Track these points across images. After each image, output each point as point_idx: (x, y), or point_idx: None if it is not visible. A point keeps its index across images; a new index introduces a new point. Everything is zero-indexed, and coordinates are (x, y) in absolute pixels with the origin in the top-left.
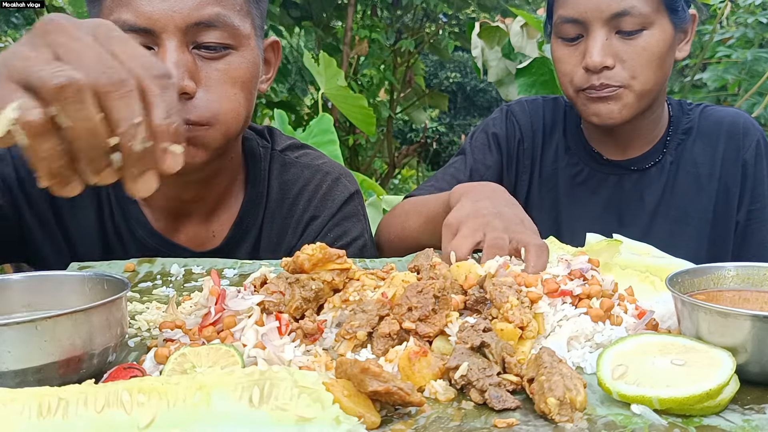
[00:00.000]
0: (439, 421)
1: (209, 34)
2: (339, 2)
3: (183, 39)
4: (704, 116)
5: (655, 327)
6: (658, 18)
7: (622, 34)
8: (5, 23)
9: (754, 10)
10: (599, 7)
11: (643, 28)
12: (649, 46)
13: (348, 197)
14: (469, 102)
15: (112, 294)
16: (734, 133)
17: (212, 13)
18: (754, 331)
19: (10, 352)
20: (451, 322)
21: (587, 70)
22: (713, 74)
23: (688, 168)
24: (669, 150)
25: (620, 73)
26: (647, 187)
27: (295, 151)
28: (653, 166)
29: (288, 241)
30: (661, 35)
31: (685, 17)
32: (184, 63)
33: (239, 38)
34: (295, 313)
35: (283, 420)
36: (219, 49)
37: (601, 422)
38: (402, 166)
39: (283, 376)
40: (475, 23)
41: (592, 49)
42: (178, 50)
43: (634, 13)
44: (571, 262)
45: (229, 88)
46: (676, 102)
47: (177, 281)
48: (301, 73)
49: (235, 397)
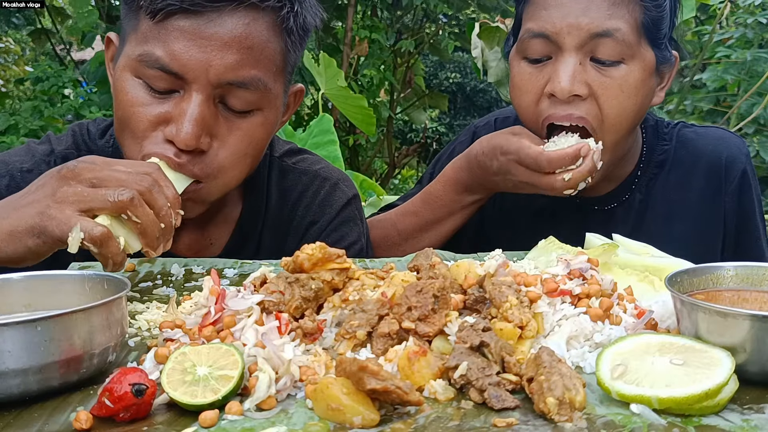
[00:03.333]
0: (438, 421)
1: (239, 95)
2: (339, 3)
3: (211, 93)
4: (681, 143)
5: (654, 327)
6: (639, 51)
7: (597, 63)
8: (5, 23)
9: (753, 11)
10: (578, 24)
11: (622, 60)
12: (626, 83)
13: (346, 202)
14: (469, 102)
15: (112, 294)
16: (715, 169)
17: (249, 75)
18: (753, 331)
19: (10, 352)
20: (450, 322)
21: (551, 97)
22: (713, 74)
23: (659, 208)
24: (639, 187)
25: (592, 108)
26: (613, 228)
27: (292, 156)
28: (619, 206)
29: (288, 247)
30: (640, 72)
31: (668, 57)
32: (205, 119)
33: (268, 100)
34: (294, 313)
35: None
36: (244, 111)
37: (601, 422)
38: (402, 166)
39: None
40: (474, 23)
41: (562, 73)
42: (203, 104)
43: (617, 38)
44: (571, 262)
45: (244, 147)
46: (651, 126)
47: (177, 281)
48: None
49: None
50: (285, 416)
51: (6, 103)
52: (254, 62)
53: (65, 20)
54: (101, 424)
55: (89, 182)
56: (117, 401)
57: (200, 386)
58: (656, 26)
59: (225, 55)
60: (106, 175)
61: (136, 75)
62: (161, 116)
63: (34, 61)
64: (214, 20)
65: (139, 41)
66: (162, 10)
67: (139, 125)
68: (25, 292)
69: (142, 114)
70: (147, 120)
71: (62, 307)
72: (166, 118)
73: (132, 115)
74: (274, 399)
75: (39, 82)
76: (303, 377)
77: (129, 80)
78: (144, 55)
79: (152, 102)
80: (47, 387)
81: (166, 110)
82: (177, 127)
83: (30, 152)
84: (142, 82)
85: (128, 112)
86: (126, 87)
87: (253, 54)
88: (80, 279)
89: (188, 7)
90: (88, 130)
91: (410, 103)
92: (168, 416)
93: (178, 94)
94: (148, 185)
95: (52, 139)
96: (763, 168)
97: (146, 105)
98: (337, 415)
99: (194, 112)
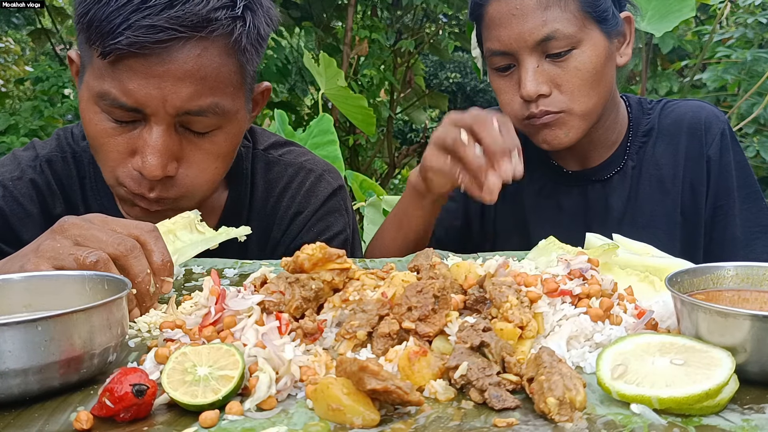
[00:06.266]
0: (438, 421)
1: (199, 121)
2: (339, 2)
3: (171, 121)
4: (665, 114)
5: (654, 327)
6: (586, 34)
7: (551, 57)
8: (5, 23)
9: (753, 11)
10: (522, 37)
11: (572, 48)
12: (582, 65)
13: (331, 193)
14: (469, 102)
15: (113, 294)
16: (696, 129)
17: (205, 104)
18: (753, 331)
19: (10, 352)
20: (450, 322)
21: (525, 101)
22: (713, 74)
23: (651, 171)
24: (630, 155)
25: (558, 98)
26: (611, 196)
27: (279, 149)
28: (615, 174)
29: (273, 237)
30: (592, 51)
31: (617, 23)
32: (168, 148)
33: (228, 119)
34: (295, 313)
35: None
36: (206, 132)
37: (601, 422)
38: (402, 166)
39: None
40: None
41: (525, 79)
42: (164, 134)
43: (558, 36)
44: (571, 262)
45: (210, 163)
46: (635, 101)
47: (177, 281)
48: (301, 73)
49: None
50: (285, 416)
51: (6, 103)
52: (210, 91)
53: (65, 20)
54: (101, 424)
55: (73, 239)
56: (117, 401)
57: (200, 386)
58: (594, 6)
59: (179, 89)
60: (89, 233)
61: (98, 108)
62: (128, 147)
63: (34, 61)
64: (164, 58)
65: (95, 76)
66: (111, 53)
67: (109, 155)
68: (25, 292)
69: (111, 145)
70: (116, 151)
71: (62, 307)
72: (133, 149)
73: (101, 146)
74: (275, 399)
75: (39, 82)
76: (303, 377)
77: (94, 112)
78: (101, 93)
79: (119, 132)
80: (47, 387)
81: (132, 140)
82: (143, 160)
83: (16, 160)
84: (105, 115)
85: (98, 142)
86: (93, 118)
87: (208, 83)
88: (80, 279)
89: (136, 51)
90: (72, 133)
91: (410, 103)
92: (168, 416)
93: (140, 124)
94: (126, 249)
95: (36, 144)
96: (763, 168)
97: (113, 136)
98: (337, 415)
99: (157, 143)
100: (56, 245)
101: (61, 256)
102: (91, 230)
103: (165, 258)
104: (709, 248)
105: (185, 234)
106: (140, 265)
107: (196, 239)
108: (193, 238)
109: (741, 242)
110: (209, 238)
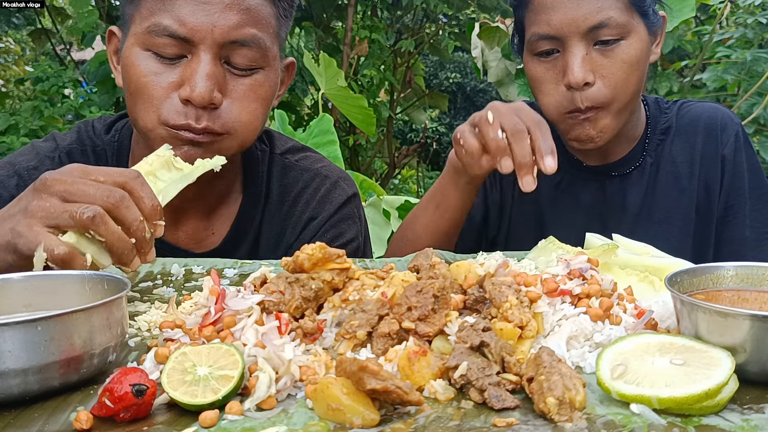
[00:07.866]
0: (438, 421)
1: (242, 53)
2: (339, 3)
3: (217, 53)
4: (681, 114)
5: (654, 327)
6: (633, 26)
7: (600, 44)
8: (5, 23)
9: (753, 11)
10: (575, 22)
11: (621, 38)
12: (628, 57)
13: (345, 200)
14: (469, 102)
15: (112, 294)
16: (712, 129)
17: (249, 34)
18: (753, 331)
19: (10, 352)
20: (450, 322)
21: (569, 88)
22: (713, 74)
23: (668, 168)
24: (648, 151)
25: (601, 90)
26: (629, 191)
27: (295, 153)
28: (634, 170)
29: (286, 241)
30: (638, 44)
31: (657, 20)
32: (215, 76)
33: (267, 59)
34: (295, 313)
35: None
36: (248, 69)
37: (601, 422)
38: (402, 166)
39: None
40: (474, 23)
41: (573, 65)
42: (211, 63)
43: (611, 24)
44: (571, 262)
45: (251, 102)
46: (652, 100)
47: (177, 281)
48: (301, 73)
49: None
50: (285, 416)
51: (6, 103)
52: (253, 22)
53: (65, 20)
54: (101, 424)
55: (60, 195)
56: (117, 401)
57: (200, 386)
58: (641, 0)
59: (227, 16)
60: (76, 189)
61: (145, 48)
62: (173, 82)
63: (34, 61)
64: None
65: (144, 17)
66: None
67: (154, 93)
68: (25, 292)
69: (155, 82)
70: (160, 87)
71: (62, 307)
72: (179, 82)
73: (145, 85)
74: (275, 399)
75: (39, 82)
76: (303, 377)
77: (138, 54)
78: (152, 26)
79: (163, 70)
80: (47, 387)
81: (177, 75)
82: (191, 86)
83: (34, 150)
84: (151, 53)
85: (141, 83)
86: (136, 61)
87: (251, 15)
88: (80, 279)
89: None
90: (93, 126)
91: (410, 103)
92: (168, 416)
93: (186, 59)
94: (116, 200)
95: (56, 136)
96: (763, 168)
97: (158, 73)
98: (337, 415)
99: (205, 70)
100: (45, 204)
101: (53, 214)
102: (77, 185)
103: (154, 202)
104: (718, 247)
105: (164, 173)
106: (132, 214)
107: (176, 176)
108: (172, 176)
109: (750, 242)
110: (188, 173)
